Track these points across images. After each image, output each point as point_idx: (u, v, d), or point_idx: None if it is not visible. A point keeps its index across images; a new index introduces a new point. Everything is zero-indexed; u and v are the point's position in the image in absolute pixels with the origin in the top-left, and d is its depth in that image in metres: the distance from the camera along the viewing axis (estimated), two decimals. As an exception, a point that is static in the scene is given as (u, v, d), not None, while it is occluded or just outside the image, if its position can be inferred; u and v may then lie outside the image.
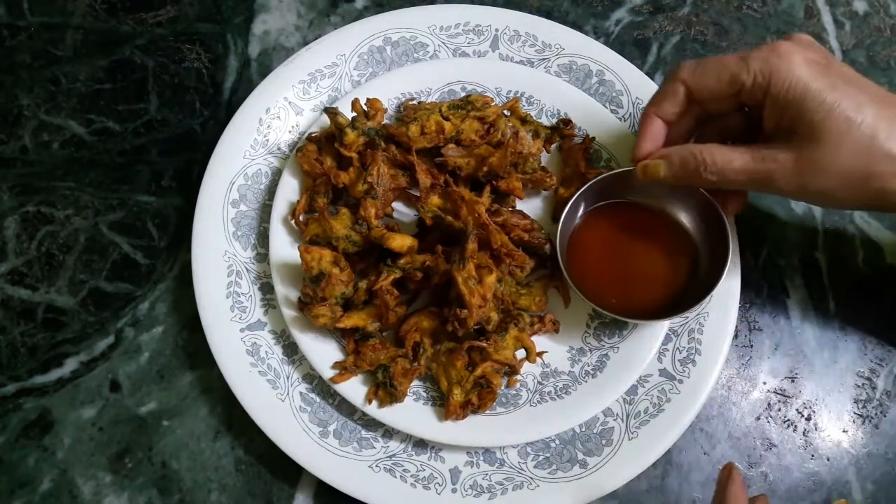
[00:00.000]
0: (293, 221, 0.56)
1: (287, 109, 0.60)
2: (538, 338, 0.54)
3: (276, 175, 0.58)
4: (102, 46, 0.66)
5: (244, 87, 0.64)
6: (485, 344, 0.51)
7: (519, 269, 0.53)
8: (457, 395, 0.51)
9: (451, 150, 0.55)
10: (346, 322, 0.51)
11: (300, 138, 0.59)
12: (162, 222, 0.60)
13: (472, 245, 0.50)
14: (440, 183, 0.54)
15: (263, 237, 0.57)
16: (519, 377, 0.54)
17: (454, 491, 0.51)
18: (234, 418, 0.55)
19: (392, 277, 0.51)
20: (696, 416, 0.53)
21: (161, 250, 0.60)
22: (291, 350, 0.55)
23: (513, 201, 0.56)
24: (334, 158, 0.56)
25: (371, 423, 0.53)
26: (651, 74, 0.63)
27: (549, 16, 0.65)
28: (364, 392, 0.52)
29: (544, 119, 0.60)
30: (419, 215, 0.53)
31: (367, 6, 0.67)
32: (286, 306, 0.54)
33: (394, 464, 0.52)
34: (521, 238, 0.53)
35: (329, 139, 0.56)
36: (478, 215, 0.51)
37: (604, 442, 0.52)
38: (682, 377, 0.53)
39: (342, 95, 0.60)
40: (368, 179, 0.53)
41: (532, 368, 0.54)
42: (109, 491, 0.53)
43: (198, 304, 0.54)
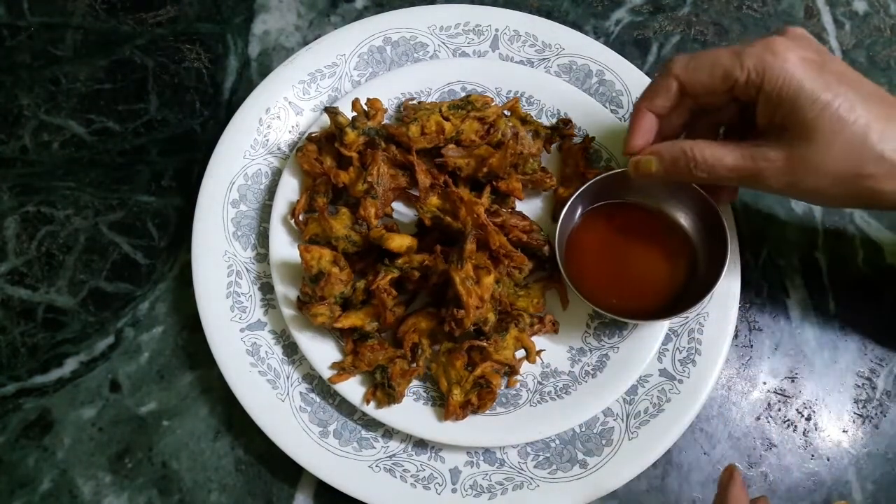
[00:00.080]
0: (293, 221, 0.56)
1: (287, 109, 0.60)
2: (538, 338, 0.54)
3: (276, 175, 0.58)
4: (102, 46, 0.66)
5: (244, 87, 0.64)
6: (485, 344, 0.51)
7: (517, 270, 0.53)
8: (456, 395, 0.51)
9: (451, 150, 0.55)
10: (345, 322, 0.51)
11: (300, 138, 0.59)
12: (162, 222, 0.60)
13: (470, 245, 0.50)
14: (440, 183, 0.54)
15: (263, 237, 0.57)
16: (519, 377, 0.53)
17: (454, 491, 0.51)
18: (234, 418, 0.55)
19: (390, 277, 0.51)
20: (696, 416, 0.53)
21: (161, 250, 0.60)
22: (291, 350, 0.55)
23: (513, 202, 0.56)
24: (334, 158, 0.56)
25: (371, 423, 0.53)
26: (651, 74, 0.63)
27: (549, 16, 0.65)
28: (363, 392, 0.52)
29: (544, 119, 0.60)
30: (418, 215, 0.53)
31: (367, 6, 0.67)
32: (286, 306, 0.54)
33: (394, 464, 0.52)
34: (520, 239, 0.53)
35: (329, 139, 0.56)
36: (476, 216, 0.50)
37: (604, 442, 0.52)
38: (682, 377, 0.53)
39: (342, 95, 0.60)
40: (368, 179, 0.53)
41: (532, 368, 0.54)
42: (109, 491, 0.53)
43: (198, 304, 0.54)
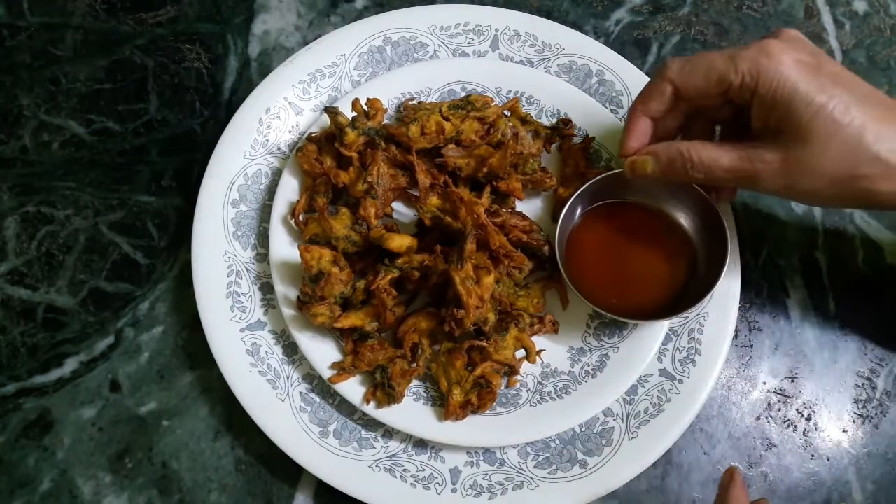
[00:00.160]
0: (293, 221, 0.56)
1: (287, 109, 0.60)
2: (538, 338, 0.54)
3: (276, 175, 0.58)
4: (102, 46, 0.66)
5: (244, 87, 0.64)
6: (485, 344, 0.51)
7: (517, 270, 0.53)
8: (456, 395, 0.51)
9: (451, 150, 0.55)
10: (344, 322, 0.51)
11: (300, 138, 0.59)
12: (162, 222, 0.60)
13: (470, 245, 0.50)
14: (440, 183, 0.54)
15: (263, 237, 0.57)
16: (519, 377, 0.53)
17: (454, 491, 0.51)
18: (234, 418, 0.55)
19: (390, 277, 0.51)
20: (696, 416, 0.53)
21: (161, 250, 0.60)
22: (291, 350, 0.55)
23: (513, 202, 0.56)
24: (334, 158, 0.56)
25: (371, 423, 0.53)
26: (651, 74, 0.63)
27: (549, 16, 0.65)
28: (363, 392, 0.52)
29: (544, 119, 0.60)
30: (418, 215, 0.53)
31: (367, 6, 0.67)
32: (286, 306, 0.54)
33: (394, 464, 0.52)
34: (520, 239, 0.53)
35: (329, 139, 0.56)
36: (476, 216, 0.50)
37: (604, 442, 0.52)
38: (682, 377, 0.53)
39: (342, 95, 0.60)
40: (368, 179, 0.53)
41: (532, 368, 0.54)
42: (109, 491, 0.53)
43: (198, 304, 0.54)
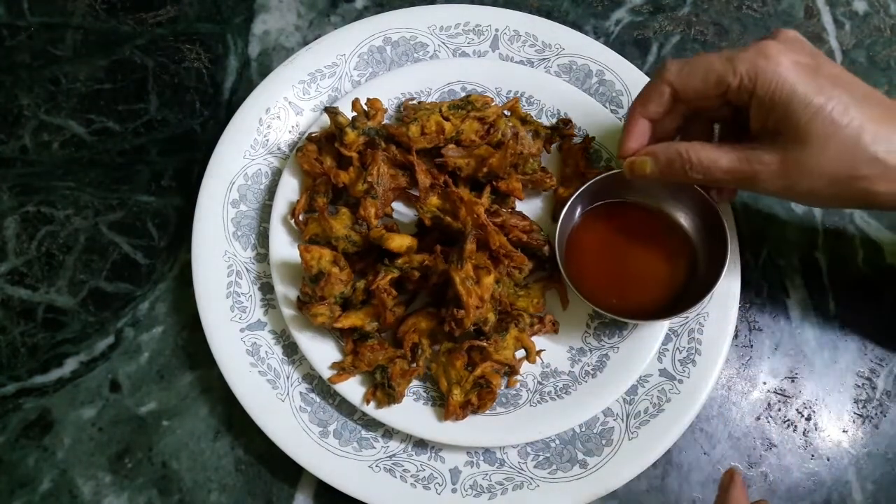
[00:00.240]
0: (293, 221, 0.56)
1: (287, 109, 0.60)
2: (538, 338, 0.54)
3: (276, 175, 0.58)
4: (102, 46, 0.66)
5: (244, 87, 0.64)
6: (485, 344, 0.51)
7: (517, 270, 0.53)
8: (456, 395, 0.51)
9: (451, 150, 0.55)
10: (344, 322, 0.51)
11: (300, 138, 0.59)
12: (162, 222, 0.60)
13: (470, 245, 0.50)
14: (440, 183, 0.54)
15: (263, 237, 0.57)
16: (519, 377, 0.53)
17: (454, 491, 0.51)
18: (234, 418, 0.55)
19: (389, 277, 0.51)
20: (696, 416, 0.53)
21: (161, 250, 0.60)
22: (291, 350, 0.55)
23: (513, 202, 0.56)
24: (334, 158, 0.56)
25: (371, 423, 0.53)
26: (651, 74, 0.63)
27: (549, 16, 0.65)
28: (363, 392, 0.52)
29: (544, 119, 0.60)
30: (418, 215, 0.53)
31: (367, 6, 0.67)
32: (286, 306, 0.54)
33: (394, 464, 0.52)
34: (520, 239, 0.53)
35: (329, 139, 0.56)
36: (476, 216, 0.50)
37: (604, 442, 0.52)
38: (682, 377, 0.53)
39: (342, 95, 0.60)
40: (368, 179, 0.53)
41: (532, 368, 0.54)
42: (109, 491, 0.53)
43: (198, 304, 0.54)
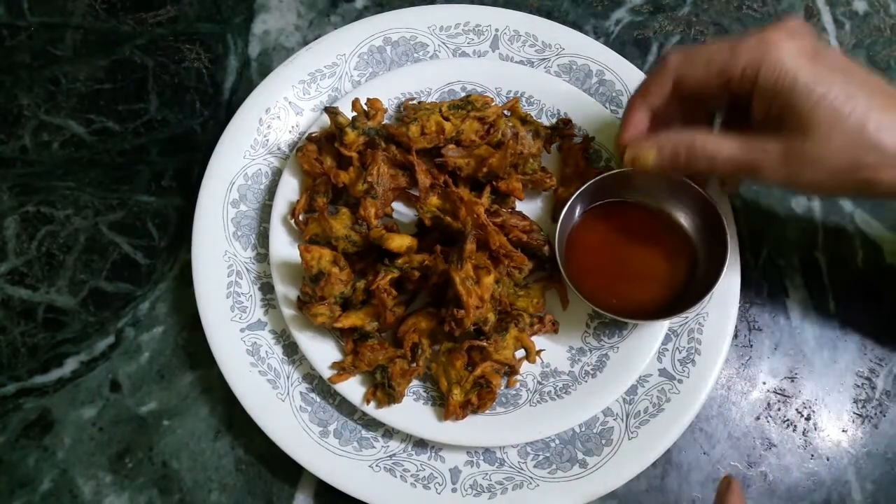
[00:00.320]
0: (293, 221, 0.56)
1: (287, 109, 0.60)
2: (538, 338, 0.54)
3: (276, 175, 0.58)
4: (102, 46, 0.66)
5: (244, 87, 0.64)
6: (485, 344, 0.51)
7: (517, 270, 0.53)
8: (456, 395, 0.51)
9: (451, 150, 0.55)
10: (344, 322, 0.51)
11: (300, 138, 0.59)
12: (162, 222, 0.60)
13: (470, 245, 0.50)
14: (440, 183, 0.54)
15: (263, 237, 0.57)
16: (518, 377, 0.54)
17: (454, 491, 0.51)
18: (234, 418, 0.55)
19: (389, 277, 0.51)
20: (696, 416, 0.53)
21: (161, 250, 0.60)
22: (291, 350, 0.55)
23: (513, 202, 0.56)
24: (334, 158, 0.56)
25: (371, 423, 0.53)
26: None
27: (549, 16, 0.65)
28: (363, 392, 0.52)
29: (544, 119, 0.60)
30: (418, 215, 0.53)
31: (367, 6, 0.67)
32: (286, 306, 0.54)
33: (394, 463, 0.52)
34: (520, 239, 0.53)
35: (329, 139, 0.56)
36: (476, 216, 0.50)
37: (603, 442, 0.52)
38: (682, 377, 0.53)
39: (342, 95, 0.60)
40: (368, 179, 0.53)
41: (532, 368, 0.54)
42: (110, 491, 0.53)
43: (198, 304, 0.54)
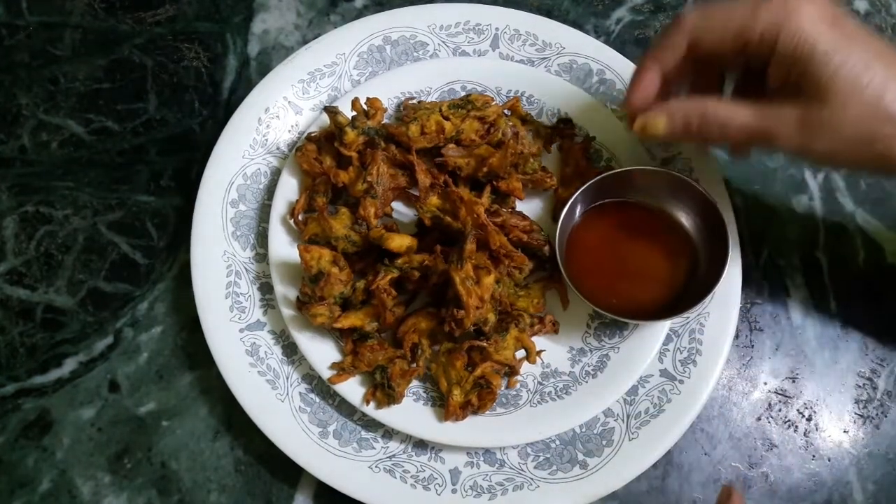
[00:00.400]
0: (292, 221, 0.56)
1: (286, 109, 0.60)
2: (538, 338, 0.54)
3: (276, 175, 0.58)
4: (101, 46, 0.66)
5: (243, 86, 0.64)
6: (485, 344, 0.50)
7: (517, 270, 0.52)
8: (456, 395, 0.51)
9: (451, 150, 0.55)
10: (344, 322, 0.51)
11: (299, 138, 0.59)
12: (161, 222, 0.60)
13: (470, 245, 0.49)
14: (440, 183, 0.54)
15: (263, 237, 0.57)
16: (519, 377, 0.53)
17: (454, 491, 0.51)
18: (233, 418, 0.55)
19: (389, 277, 0.50)
20: (697, 417, 0.52)
21: (160, 250, 0.59)
22: (291, 350, 0.55)
23: (513, 202, 0.56)
24: (334, 158, 0.56)
25: (371, 424, 0.53)
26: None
27: (550, 15, 0.65)
28: (363, 392, 0.52)
29: (545, 118, 0.60)
30: (418, 215, 0.53)
31: (367, 5, 0.67)
32: (285, 306, 0.53)
33: (394, 464, 0.52)
34: (520, 239, 0.53)
35: (329, 138, 0.56)
36: (476, 216, 0.50)
37: (604, 442, 0.52)
38: (683, 377, 0.53)
39: (342, 95, 0.60)
40: (368, 179, 0.53)
41: (532, 369, 0.54)
42: (109, 491, 0.53)
43: (197, 304, 0.54)
